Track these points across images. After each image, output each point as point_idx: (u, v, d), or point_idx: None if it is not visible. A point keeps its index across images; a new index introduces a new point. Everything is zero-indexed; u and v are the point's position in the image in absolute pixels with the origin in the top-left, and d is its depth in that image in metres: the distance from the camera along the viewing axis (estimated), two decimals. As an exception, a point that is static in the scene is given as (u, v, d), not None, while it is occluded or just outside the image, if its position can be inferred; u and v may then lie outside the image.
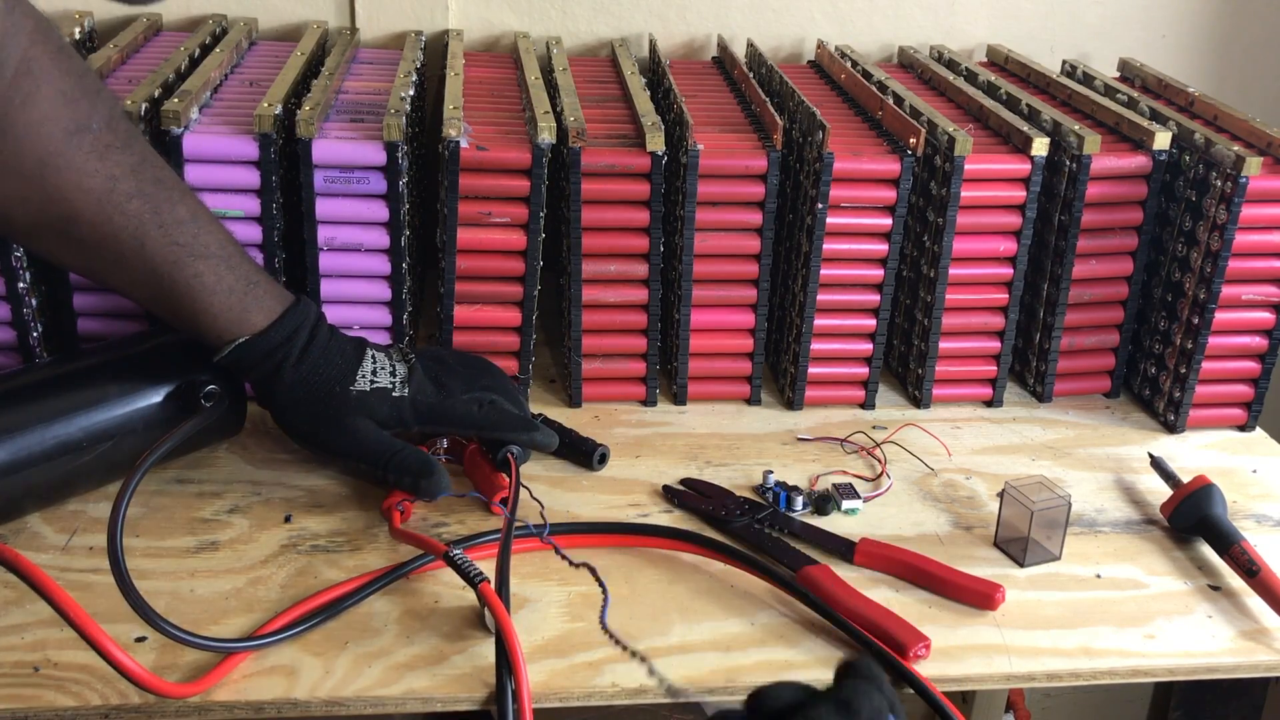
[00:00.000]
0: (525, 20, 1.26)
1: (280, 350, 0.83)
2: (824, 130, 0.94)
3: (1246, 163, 0.93)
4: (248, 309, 0.83)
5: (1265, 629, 0.79)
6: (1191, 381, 1.00)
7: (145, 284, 0.81)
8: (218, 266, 0.82)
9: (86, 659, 0.68)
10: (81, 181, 0.77)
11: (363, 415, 0.85)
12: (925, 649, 0.74)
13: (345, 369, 0.85)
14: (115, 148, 0.78)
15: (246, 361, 0.84)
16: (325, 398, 0.84)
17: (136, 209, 0.79)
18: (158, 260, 0.80)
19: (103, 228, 0.78)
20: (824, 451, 0.97)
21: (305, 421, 0.86)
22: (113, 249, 0.79)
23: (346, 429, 0.85)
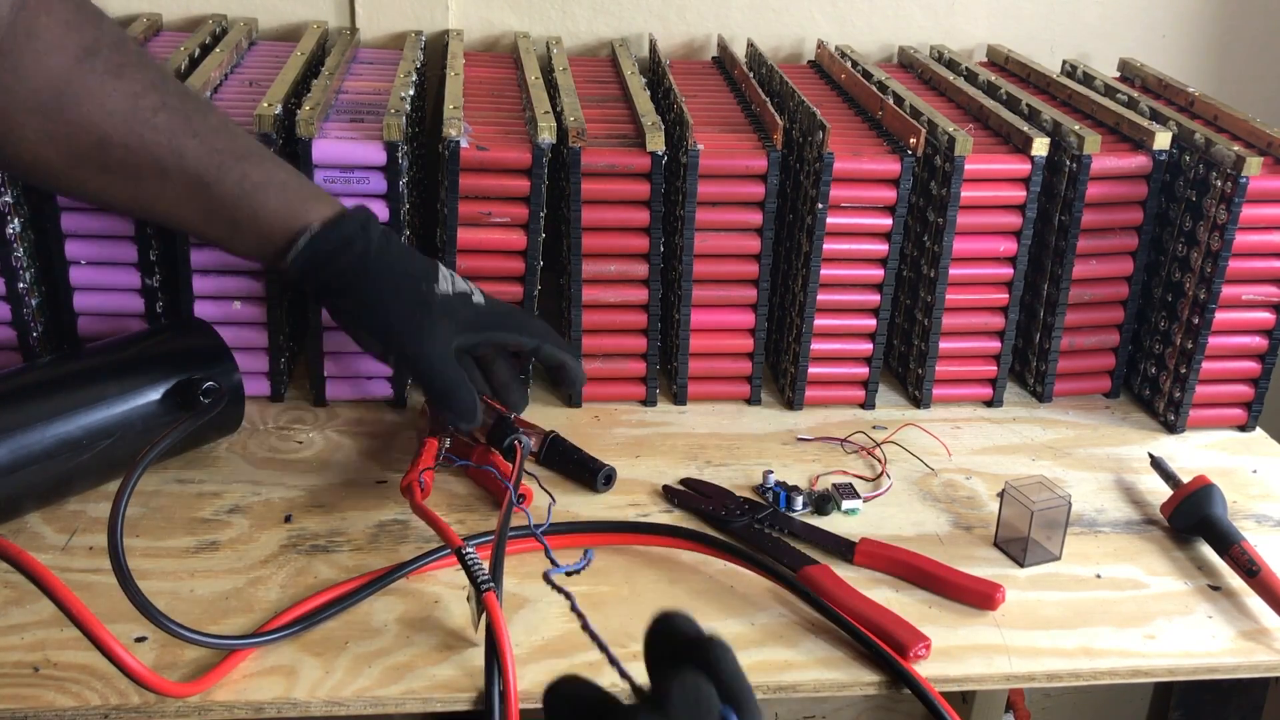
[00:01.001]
0: (525, 20, 1.26)
1: (359, 238, 0.80)
2: (824, 130, 0.94)
3: (1246, 163, 0.93)
4: (307, 200, 0.80)
5: (1265, 629, 0.79)
6: (1191, 381, 1.00)
7: (194, 199, 0.78)
8: (264, 164, 0.79)
9: (86, 659, 0.68)
10: (104, 103, 0.75)
11: (446, 319, 0.81)
12: (925, 649, 0.74)
13: (429, 267, 0.82)
14: (129, 65, 0.76)
15: (324, 253, 0.79)
16: (412, 294, 0.80)
17: (166, 122, 0.76)
18: (200, 168, 0.77)
19: (136, 147, 0.76)
20: (824, 451, 0.97)
21: (390, 321, 0.81)
22: (152, 168, 0.76)
23: (432, 334, 0.81)
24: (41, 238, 0.93)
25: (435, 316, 0.81)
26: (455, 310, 0.82)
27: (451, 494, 0.88)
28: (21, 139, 0.75)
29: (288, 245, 0.80)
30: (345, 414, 0.98)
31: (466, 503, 0.87)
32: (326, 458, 0.92)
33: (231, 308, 0.95)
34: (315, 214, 0.80)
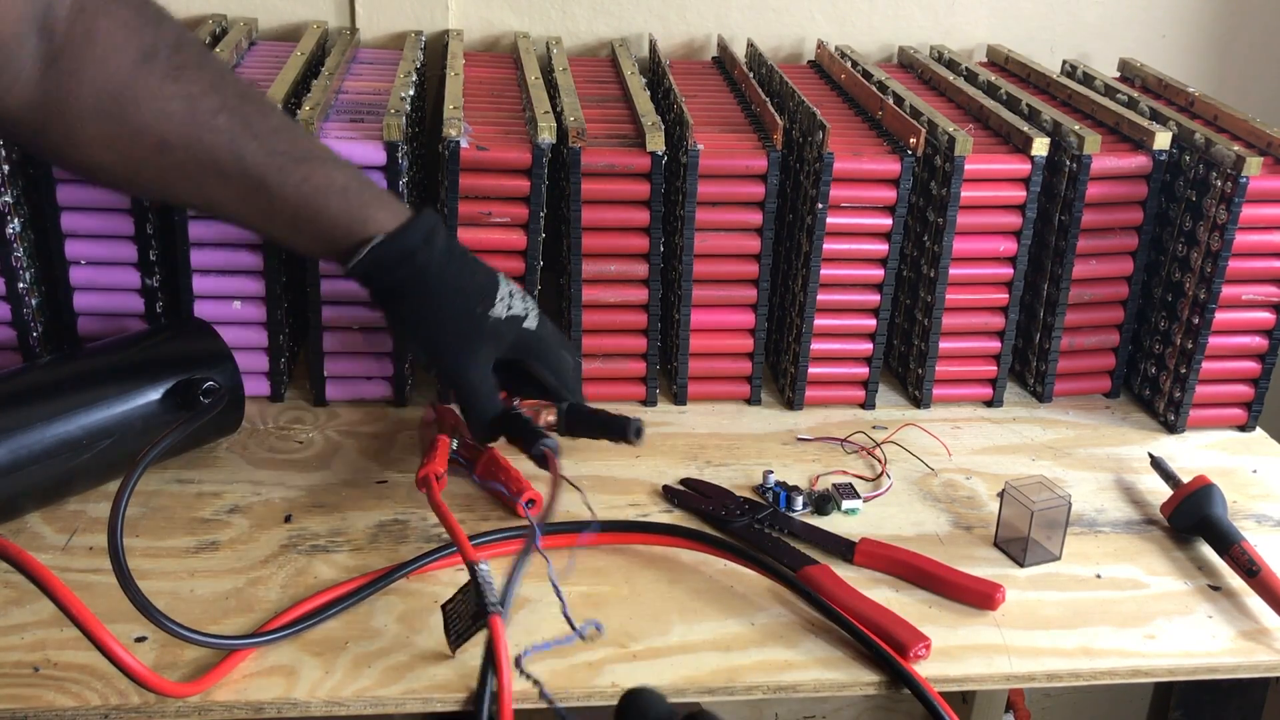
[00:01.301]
0: (525, 20, 1.26)
1: (422, 252, 0.80)
2: (824, 130, 0.94)
3: (1246, 163, 0.93)
4: (368, 205, 0.79)
5: (1265, 629, 0.79)
6: (1191, 381, 1.00)
7: (255, 202, 0.78)
8: (326, 167, 0.79)
9: (86, 659, 0.68)
10: (162, 107, 0.74)
11: (492, 343, 0.82)
12: (925, 649, 0.74)
13: (487, 286, 0.82)
14: (188, 67, 0.76)
15: (385, 264, 0.79)
16: (464, 316, 0.81)
17: (226, 124, 0.76)
18: (260, 172, 0.77)
19: (196, 150, 0.76)
20: (824, 451, 0.97)
21: (438, 338, 0.81)
22: (212, 170, 0.76)
23: (474, 356, 0.81)
24: (41, 238, 0.93)
25: (482, 339, 0.82)
26: (503, 335, 0.82)
27: (449, 493, 0.88)
28: (83, 144, 0.75)
29: (349, 252, 0.80)
30: (345, 414, 0.98)
31: (466, 503, 0.87)
32: (326, 458, 0.92)
33: (231, 308, 0.95)
34: (377, 223, 0.79)
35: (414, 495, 0.87)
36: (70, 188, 0.91)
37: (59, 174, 0.90)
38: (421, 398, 1.00)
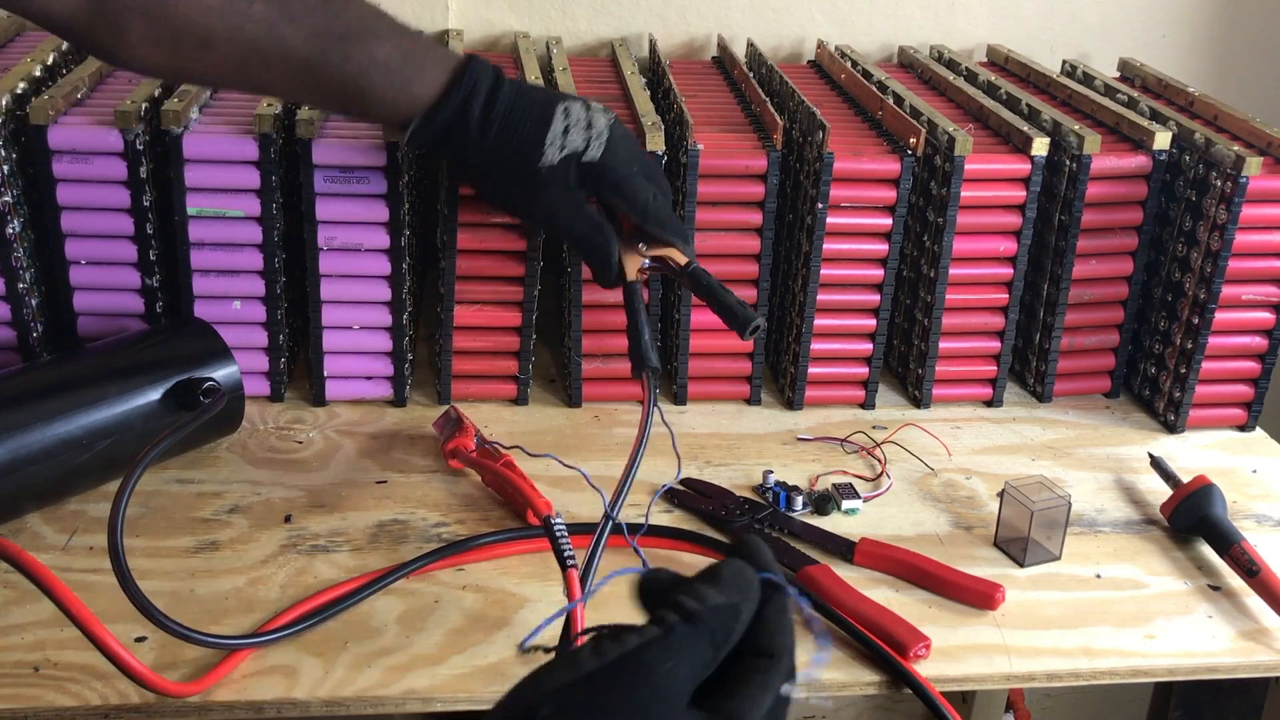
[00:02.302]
0: (525, 20, 1.26)
1: (458, 127, 0.81)
2: (824, 130, 0.94)
3: (1246, 163, 0.93)
4: (410, 82, 0.80)
5: (1265, 629, 0.79)
6: (1191, 381, 1.00)
7: (303, 84, 0.80)
8: (366, 44, 0.79)
9: (86, 659, 0.68)
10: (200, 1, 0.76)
11: (560, 188, 0.83)
12: (925, 649, 0.74)
13: (534, 135, 0.82)
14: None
15: (429, 143, 0.82)
16: (517, 175, 0.83)
17: (262, 11, 0.77)
18: (302, 54, 0.78)
19: (238, 41, 0.77)
20: (824, 451, 0.97)
21: (506, 199, 0.86)
22: (256, 59, 0.78)
23: (545, 204, 0.84)
24: (41, 238, 0.93)
25: (541, 188, 0.83)
26: (565, 176, 0.83)
27: (451, 493, 0.88)
28: (130, 45, 0.77)
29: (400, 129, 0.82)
30: (345, 414, 0.98)
31: (467, 503, 0.87)
32: (326, 458, 0.92)
33: (231, 308, 0.95)
34: (416, 101, 0.80)
35: (414, 495, 0.87)
36: (70, 188, 0.91)
37: (59, 174, 0.90)
38: (422, 398, 1.00)
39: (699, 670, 0.44)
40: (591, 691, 0.43)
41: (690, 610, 0.45)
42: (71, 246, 0.93)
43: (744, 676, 0.46)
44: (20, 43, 1.09)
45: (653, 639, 0.44)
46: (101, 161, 0.90)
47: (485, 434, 0.91)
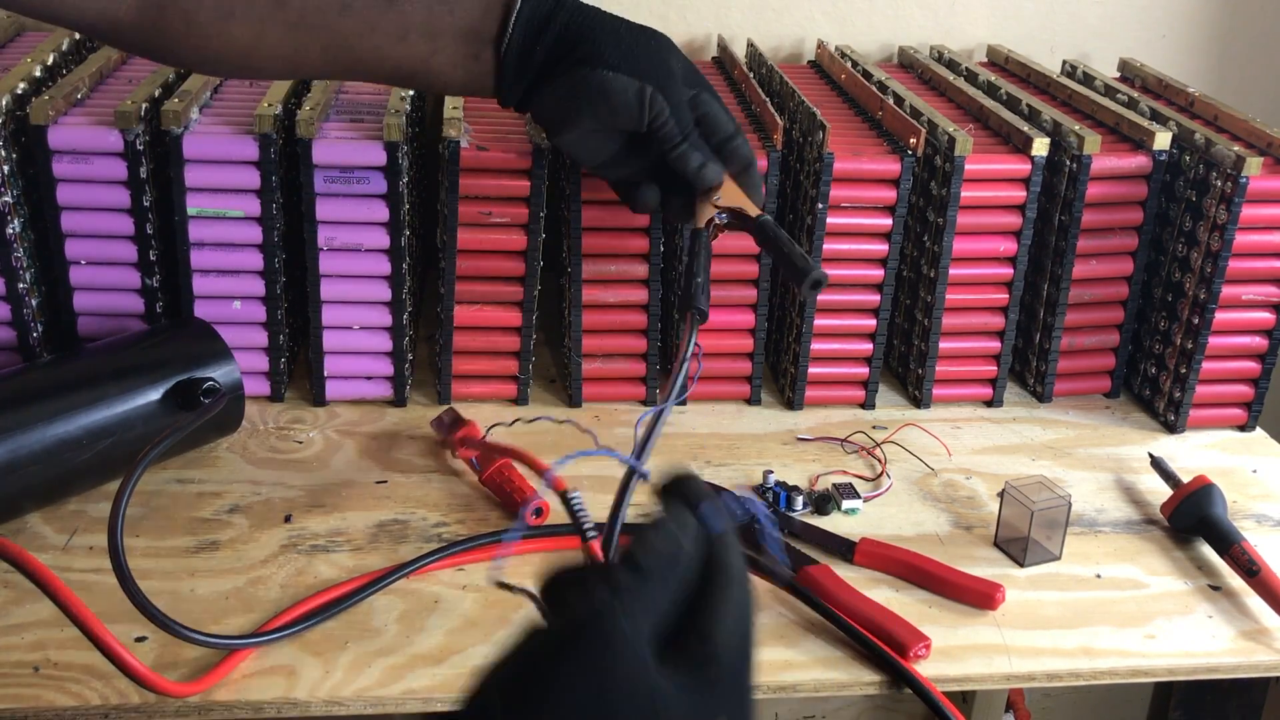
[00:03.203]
0: (525, 20, 1.25)
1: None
2: (824, 130, 0.94)
3: (1246, 163, 0.93)
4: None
5: (1265, 629, 0.79)
6: (1191, 381, 1.00)
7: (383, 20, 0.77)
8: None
9: (86, 659, 0.68)
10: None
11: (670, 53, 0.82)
12: (925, 649, 0.74)
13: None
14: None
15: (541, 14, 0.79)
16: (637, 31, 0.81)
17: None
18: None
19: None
20: (824, 451, 0.97)
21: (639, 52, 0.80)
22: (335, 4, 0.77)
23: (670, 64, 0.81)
24: (41, 238, 0.93)
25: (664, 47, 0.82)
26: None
27: (451, 493, 0.88)
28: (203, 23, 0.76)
29: (499, 27, 0.79)
30: (345, 414, 0.98)
31: (466, 502, 0.87)
32: (326, 458, 0.92)
33: (231, 308, 0.95)
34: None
35: (414, 495, 0.87)
36: (70, 188, 0.91)
37: (59, 174, 0.90)
38: (422, 398, 1.00)
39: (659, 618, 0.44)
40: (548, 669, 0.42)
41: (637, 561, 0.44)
42: (71, 246, 0.93)
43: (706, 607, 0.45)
44: (20, 43, 1.09)
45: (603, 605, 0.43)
46: (101, 161, 0.90)
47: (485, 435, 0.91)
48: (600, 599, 0.43)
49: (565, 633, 0.42)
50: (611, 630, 0.42)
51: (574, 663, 0.41)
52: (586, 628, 0.42)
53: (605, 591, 0.43)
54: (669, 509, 0.48)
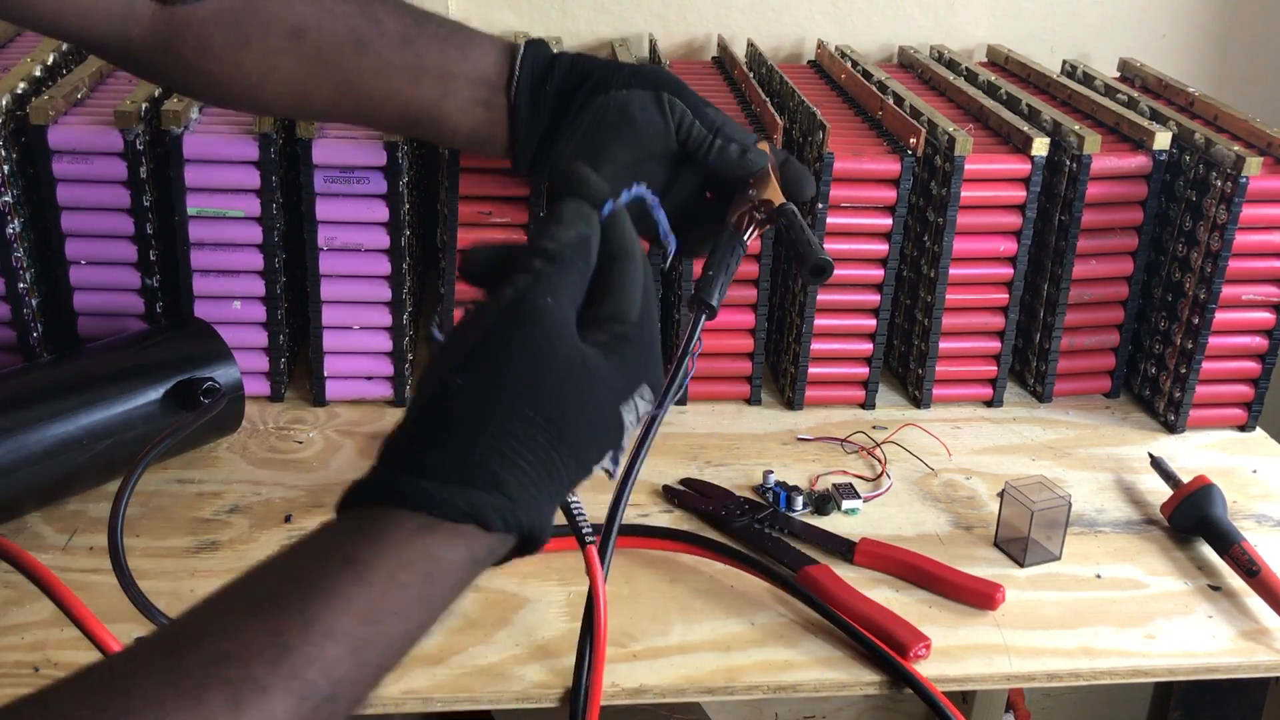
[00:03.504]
0: (525, 20, 1.26)
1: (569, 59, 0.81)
2: (824, 130, 0.94)
3: (1246, 163, 0.93)
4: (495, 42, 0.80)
5: (1265, 629, 0.79)
6: (1191, 381, 1.00)
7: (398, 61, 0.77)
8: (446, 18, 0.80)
9: (86, 659, 0.68)
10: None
11: None
12: (925, 649, 0.74)
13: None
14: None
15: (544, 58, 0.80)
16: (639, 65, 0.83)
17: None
18: (399, 27, 0.77)
19: (329, 27, 0.76)
20: (824, 451, 0.97)
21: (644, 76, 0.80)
22: (349, 44, 0.76)
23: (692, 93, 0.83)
24: (41, 238, 0.93)
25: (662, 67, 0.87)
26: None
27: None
28: (216, 52, 0.75)
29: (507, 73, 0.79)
30: (345, 414, 0.98)
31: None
32: (326, 458, 0.92)
33: (231, 308, 0.95)
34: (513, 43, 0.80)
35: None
36: (70, 188, 0.91)
37: (59, 174, 0.90)
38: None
39: (574, 295, 0.51)
40: (492, 348, 0.48)
41: (549, 250, 0.51)
42: (71, 246, 0.93)
43: (610, 282, 0.53)
44: (20, 43, 1.09)
45: (528, 283, 0.50)
46: (101, 161, 0.90)
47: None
48: (524, 283, 0.50)
49: (502, 315, 0.49)
50: (540, 308, 0.49)
51: (515, 336, 0.49)
52: (519, 306, 0.49)
53: (529, 276, 0.50)
54: (565, 199, 0.54)
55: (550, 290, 0.50)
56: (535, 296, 0.49)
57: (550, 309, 0.49)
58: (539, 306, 0.49)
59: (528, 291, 0.49)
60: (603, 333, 0.52)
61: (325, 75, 0.78)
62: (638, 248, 0.55)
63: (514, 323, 0.49)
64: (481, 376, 0.48)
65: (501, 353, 0.48)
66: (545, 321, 0.49)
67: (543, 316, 0.49)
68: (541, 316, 0.49)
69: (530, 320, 0.49)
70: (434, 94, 0.79)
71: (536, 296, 0.49)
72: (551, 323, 0.49)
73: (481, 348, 0.49)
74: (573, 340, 0.50)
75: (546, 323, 0.49)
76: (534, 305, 0.49)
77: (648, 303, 0.54)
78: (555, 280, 0.50)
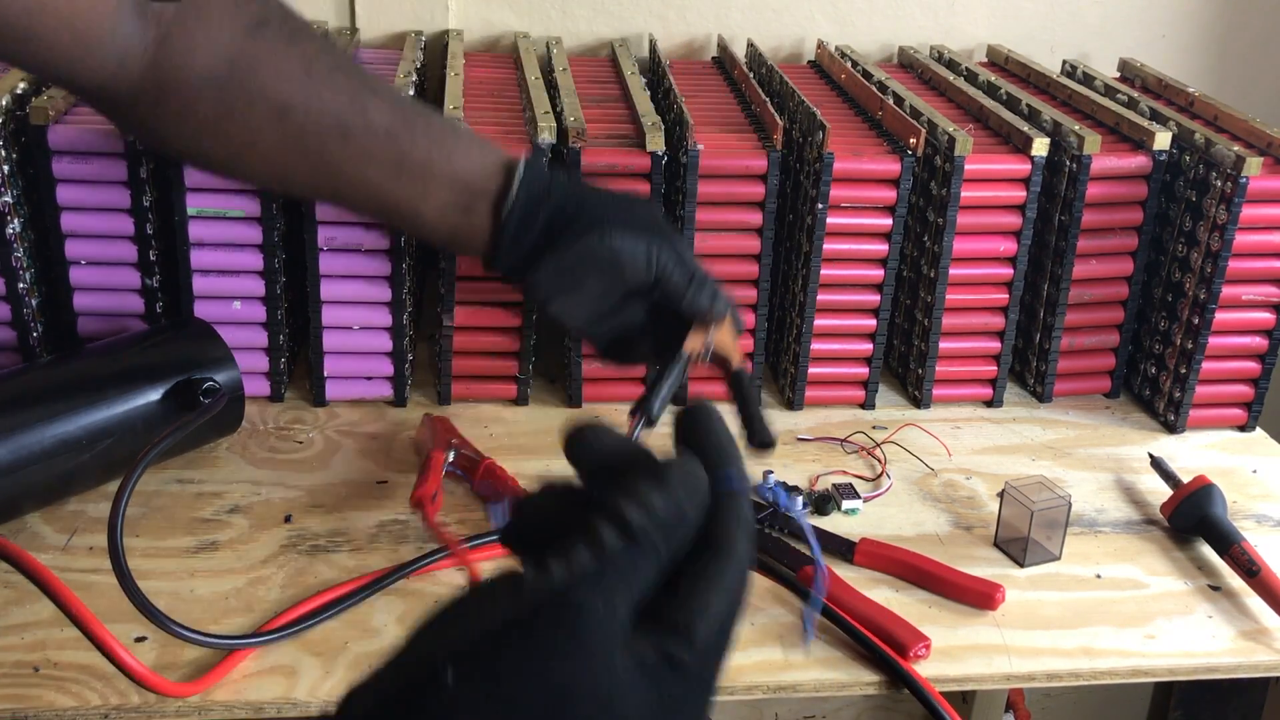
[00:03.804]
0: (525, 20, 1.26)
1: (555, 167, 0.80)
2: (824, 130, 0.94)
3: (1246, 163, 0.93)
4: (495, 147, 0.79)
5: (1265, 629, 0.79)
6: (1191, 381, 1.00)
7: (382, 155, 0.76)
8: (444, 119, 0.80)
9: (86, 659, 0.68)
10: (280, 68, 0.74)
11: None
12: (925, 649, 0.74)
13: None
14: (300, 32, 0.76)
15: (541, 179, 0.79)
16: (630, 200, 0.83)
17: (345, 82, 0.76)
18: (387, 121, 0.76)
19: (317, 110, 0.75)
20: (824, 451, 0.97)
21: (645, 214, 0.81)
22: (334, 130, 0.75)
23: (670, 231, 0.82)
24: (41, 238, 0.93)
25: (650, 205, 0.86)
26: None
27: (451, 493, 0.88)
28: (198, 118, 0.75)
29: (500, 187, 0.78)
30: (345, 414, 0.98)
31: (466, 503, 0.87)
32: (326, 458, 0.92)
33: (231, 308, 0.95)
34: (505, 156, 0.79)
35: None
36: (70, 188, 0.91)
37: (59, 174, 0.90)
38: (422, 398, 1.00)
39: (641, 592, 0.38)
40: (504, 646, 0.36)
41: (633, 526, 0.38)
42: (71, 246, 0.93)
43: (692, 579, 0.39)
44: (20, 43, 1.09)
45: (585, 573, 0.37)
46: (101, 161, 0.90)
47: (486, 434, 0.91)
48: (580, 569, 0.37)
49: (536, 604, 0.36)
50: (589, 613, 0.36)
51: (541, 643, 0.36)
52: (562, 602, 0.36)
53: (589, 560, 0.37)
54: (683, 469, 0.41)
55: (611, 588, 0.37)
56: (588, 595, 0.37)
57: (601, 618, 0.36)
58: (588, 611, 0.36)
59: (581, 585, 0.37)
60: (656, 647, 0.37)
61: (305, 157, 0.77)
62: (745, 549, 0.41)
63: (547, 622, 0.36)
64: (480, 681, 0.35)
65: (516, 658, 0.36)
66: (589, 635, 0.36)
67: (588, 627, 0.36)
68: (586, 626, 0.36)
69: (568, 626, 0.36)
70: (413, 192, 0.78)
71: (590, 595, 0.37)
72: (597, 638, 0.36)
73: (492, 640, 0.36)
74: (615, 664, 0.36)
75: (590, 637, 0.36)
76: (582, 607, 0.36)
77: (727, 623, 0.40)
78: (622, 572, 0.38)
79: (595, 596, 0.37)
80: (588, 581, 0.37)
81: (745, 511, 0.41)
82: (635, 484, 0.39)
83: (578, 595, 0.37)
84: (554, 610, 0.36)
